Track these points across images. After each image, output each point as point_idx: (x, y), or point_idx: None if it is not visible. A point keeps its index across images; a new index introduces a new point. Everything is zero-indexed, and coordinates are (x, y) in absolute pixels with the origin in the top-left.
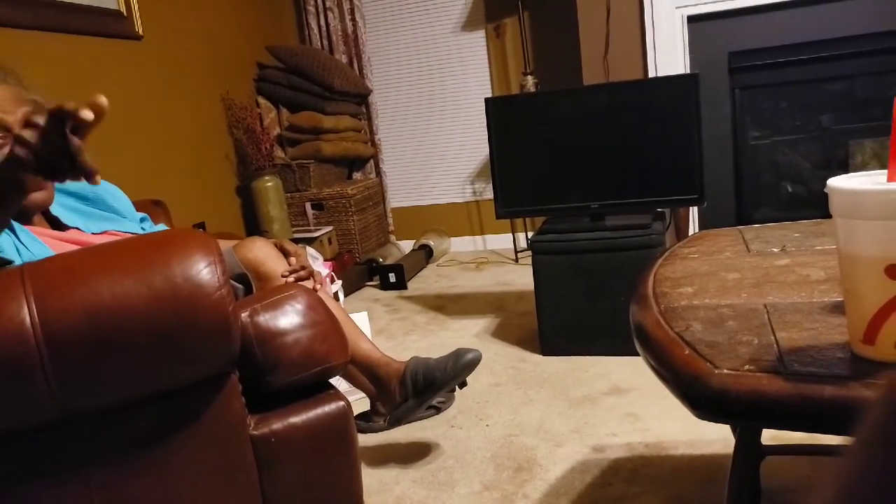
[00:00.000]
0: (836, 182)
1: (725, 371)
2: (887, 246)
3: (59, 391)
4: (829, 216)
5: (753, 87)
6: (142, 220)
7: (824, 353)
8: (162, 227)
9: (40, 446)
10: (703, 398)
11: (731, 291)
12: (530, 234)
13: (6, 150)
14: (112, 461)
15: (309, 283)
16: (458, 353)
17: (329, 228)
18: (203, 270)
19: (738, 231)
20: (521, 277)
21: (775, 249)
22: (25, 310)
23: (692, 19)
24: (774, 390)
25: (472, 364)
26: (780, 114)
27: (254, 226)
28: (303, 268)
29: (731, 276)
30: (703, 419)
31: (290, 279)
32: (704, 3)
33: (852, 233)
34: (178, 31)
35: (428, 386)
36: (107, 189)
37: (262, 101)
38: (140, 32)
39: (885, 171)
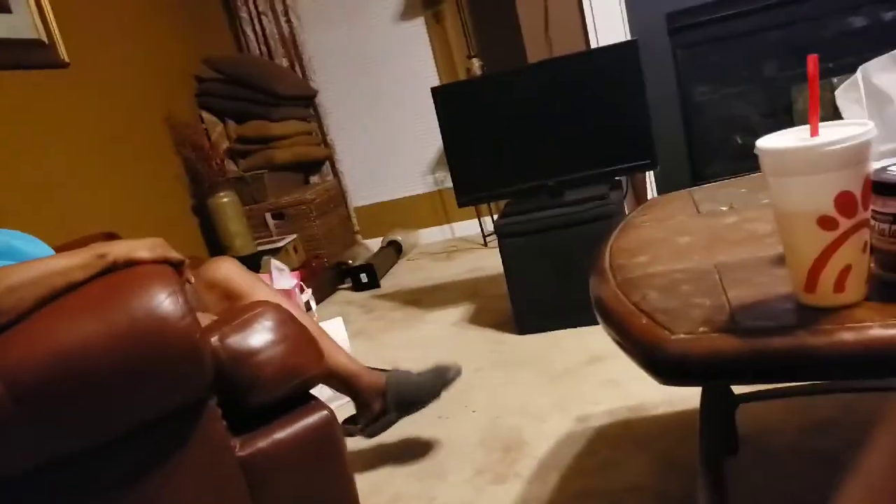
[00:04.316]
0: (764, 143)
1: (682, 336)
2: (816, 199)
3: (36, 439)
4: None
5: (694, 46)
6: None
7: (771, 306)
8: None
9: (34, 492)
10: (664, 365)
11: (683, 256)
12: (496, 217)
13: None
14: (105, 498)
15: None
16: (439, 372)
17: (293, 237)
18: (165, 302)
19: (688, 193)
20: (492, 261)
21: (724, 208)
22: None
23: None
24: (729, 348)
25: (454, 380)
26: (724, 67)
27: (216, 243)
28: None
29: (682, 241)
30: (668, 384)
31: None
32: None
33: (783, 190)
34: (107, 54)
35: (412, 404)
36: (24, 239)
37: (206, 115)
38: (66, 59)
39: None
